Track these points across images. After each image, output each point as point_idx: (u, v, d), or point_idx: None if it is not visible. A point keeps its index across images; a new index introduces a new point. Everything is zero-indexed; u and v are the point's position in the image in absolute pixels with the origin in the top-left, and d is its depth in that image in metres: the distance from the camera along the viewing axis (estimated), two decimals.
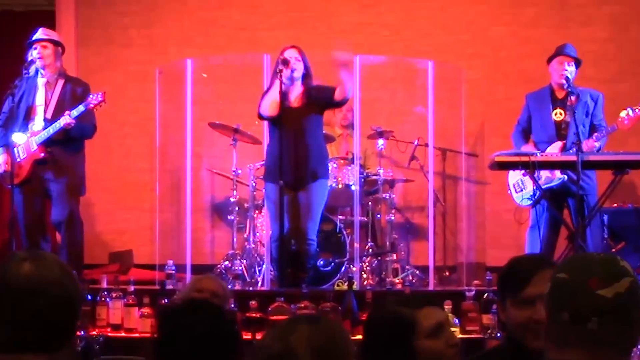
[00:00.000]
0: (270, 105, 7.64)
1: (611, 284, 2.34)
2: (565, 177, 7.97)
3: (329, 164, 8.53)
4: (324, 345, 2.51)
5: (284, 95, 7.62)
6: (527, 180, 8.08)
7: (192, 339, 3.09)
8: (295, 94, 7.81)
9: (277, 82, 7.62)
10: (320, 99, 7.83)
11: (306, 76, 7.84)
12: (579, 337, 2.35)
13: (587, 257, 2.50)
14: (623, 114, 7.93)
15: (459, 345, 3.20)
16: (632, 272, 2.40)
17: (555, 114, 8.20)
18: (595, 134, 7.98)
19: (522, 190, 8.20)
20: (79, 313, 2.58)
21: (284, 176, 7.53)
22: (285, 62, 7.66)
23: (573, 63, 8.19)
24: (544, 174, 7.96)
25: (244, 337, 3.39)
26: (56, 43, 8.14)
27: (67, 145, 7.99)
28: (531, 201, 8.15)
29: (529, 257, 3.65)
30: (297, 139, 7.71)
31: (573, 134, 7.87)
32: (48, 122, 7.87)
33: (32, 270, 2.46)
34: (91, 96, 7.82)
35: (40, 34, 8.09)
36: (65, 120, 7.73)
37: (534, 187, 8.00)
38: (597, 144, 7.90)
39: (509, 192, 8.37)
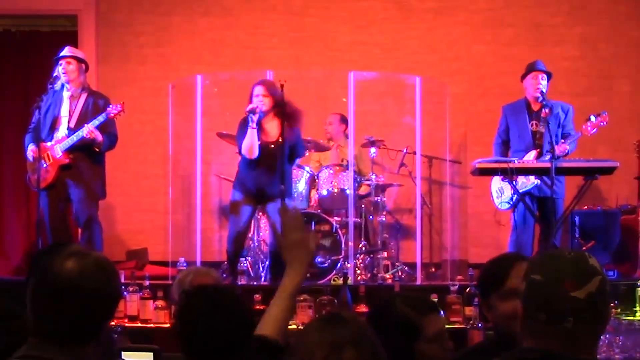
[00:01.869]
0: (249, 150, 7.70)
1: (583, 285, 2.33)
2: (539, 181, 7.98)
3: (326, 170, 8.62)
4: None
5: (259, 130, 7.72)
6: (506, 186, 8.09)
7: (210, 324, 3.07)
8: (270, 126, 7.84)
9: (250, 131, 7.66)
10: (291, 145, 7.92)
11: (276, 106, 7.78)
12: (555, 333, 2.34)
13: (559, 257, 2.44)
14: (586, 123, 7.98)
15: (451, 349, 3.21)
16: (601, 270, 2.40)
17: (532, 125, 8.20)
18: (562, 141, 7.99)
19: (501, 195, 8.21)
20: (112, 312, 2.54)
21: (258, 194, 7.83)
22: (253, 111, 7.68)
23: (545, 77, 8.20)
24: (521, 179, 7.96)
25: None
26: (80, 60, 8.13)
27: (88, 153, 7.98)
28: (509, 205, 8.17)
29: (503, 255, 3.64)
30: (273, 168, 7.78)
31: (547, 143, 7.88)
32: (71, 131, 7.87)
33: (73, 268, 2.43)
34: (111, 106, 7.83)
35: (65, 51, 8.09)
36: (87, 130, 7.73)
37: (512, 193, 8.02)
38: (567, 147, 7.93)
39: (491, 197, 8.37)
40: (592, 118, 7.99)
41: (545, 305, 2.36)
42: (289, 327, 5.43)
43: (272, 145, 7.80)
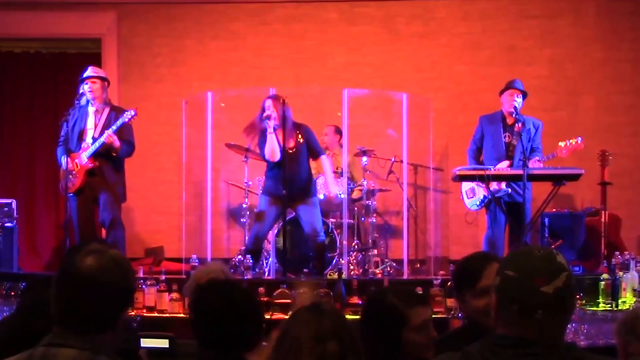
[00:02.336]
0: (271, 153, 7.75)
1: (552, 281, 2.34)
2: (509, 189, 7.99)
3: (323, 177, 8.64)
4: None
5: (278, 140, 7.73)
6: (477, 189, 8.10)
7: (219, 314, 3.07)
8: (286, 137, 7.82)
9: (270, 136, 7.69)
10: (309, 147, 7.96)
11: (283, 120, 7.73)
12: (526, 323, 2.35)
13: (530, 254, 2.44)
14: (562, 144, 7.99)
15: (435, 338, 3.21)
16: (567, 266, 2.40)
17: (505, 137, 8.21)
18: (537, 157, 7.98)
19: (472, 197, 8.21)
20: (127, 303, 2.54)
21: (285, 197, 7.73)
22: (268, 117, 7.71)
23: (521, 95, 8.19)
24: (492, 186, 7.96)
25: None
26: (103, 79, 8.14)
27: (110, 160, 7.98)
28: (478, 206, 8.18)
29: (476, 255, 3.60)
30: (294, 172, 7.79)
31: (519, 153, 7.88)
32: (95, 140, 7.88)
33: (92, 264, 2.43)
34: (126, 113, 7.83)
35: (90, 71, 8.09)
36: (106, 135, 7.75)
37: (483, 195, 8.04)
38: (541, 165, 7.93)
39: (461, 197, 8.38)
40: (567, 143, 8.00)
41: (517, 298, 2.36)
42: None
43: (291, 150, 7.82)
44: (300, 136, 7.88)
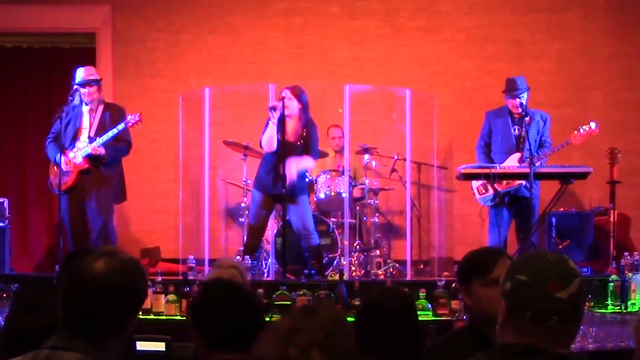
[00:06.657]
0: (268, 143, 7.72)
1: (566, 287, 2.34)
2: (524, 182, 8.00)
3: (324, 175, 8.65)
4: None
5: (282, 130, 7.66)
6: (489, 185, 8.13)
7: (223, 314, 3.07)
8: (291, 128, 7.78)
9: (270, 124, 7.66)
10: (306, 145, 7.88)
11: (302, 110, 7.74)
12: (540, 331, 2.35)
13: (542, 259, 2.44)
14: (575, 131, 8.03)
15: None
16: (579, 271, 2.41)
17: (514, 130, 8.22)
18: (538, 153, 8.02)
19: (485, 193, 8.22)
20: (136, 310, 2.52)
21: (273, 190, 7.75)
22: (274, 108, 7.65)
23: (525, 94, 8.19)
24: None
25: None
26: (99, 81, 8.18)
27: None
28: (492, 202, 8.20)
29: (487, 248, 3.80)
30: (290, 165, 7.71)
31: (529, 145, 7.89)
32: (91, 140, 7.92)
33: (101, 268, 2.43)
34: (130, 117, 7.87)
35: (86, 75, 8.08)
36: (91, 147, 7.81)
37: (496, 190, 8.05)
38: (537, 163, 7.95)
39: (473, 191, 8.36)
40: (582, 129, 8.04)
41: (531, 304, 2.35)
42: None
43: (291, 143, 7.76)
44: (305, 133, 7.84)
